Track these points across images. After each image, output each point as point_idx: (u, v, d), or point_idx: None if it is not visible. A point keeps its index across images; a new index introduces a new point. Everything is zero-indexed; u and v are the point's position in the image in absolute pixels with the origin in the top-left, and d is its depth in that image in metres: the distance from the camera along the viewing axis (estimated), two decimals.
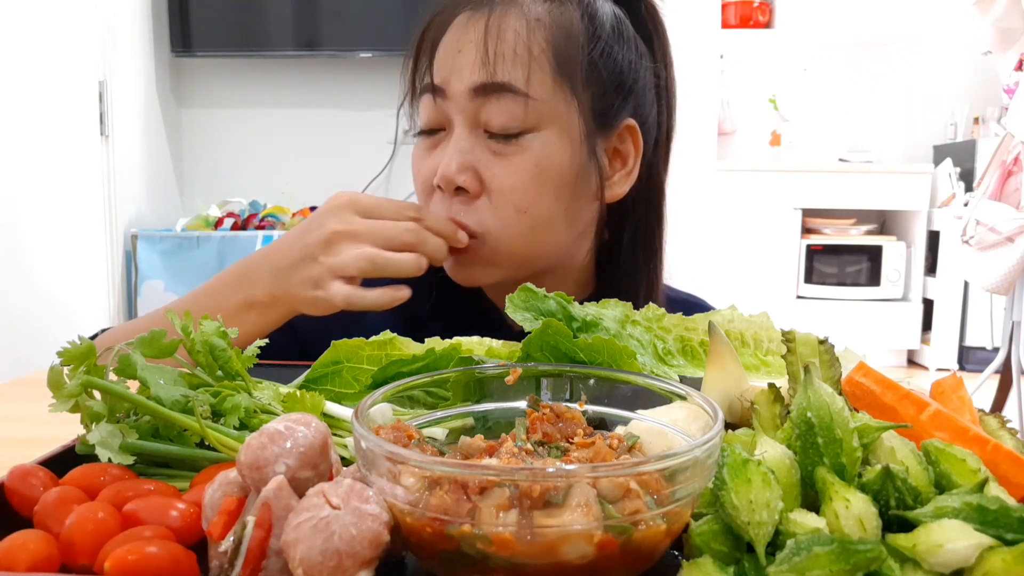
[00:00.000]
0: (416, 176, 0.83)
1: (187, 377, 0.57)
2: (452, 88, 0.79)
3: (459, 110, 0.79)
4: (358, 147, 3.32)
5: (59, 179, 2.59)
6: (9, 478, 0.48)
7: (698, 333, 0.68)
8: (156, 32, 3.20)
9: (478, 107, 0.78)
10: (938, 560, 0.35)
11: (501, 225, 0.79)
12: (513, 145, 0.78)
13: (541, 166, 0.79)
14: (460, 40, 0.79)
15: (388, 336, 0.64)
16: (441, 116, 0.80)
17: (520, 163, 0.78)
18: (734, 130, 4.61)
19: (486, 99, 0.77)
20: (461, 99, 0.78)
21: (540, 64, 0.78)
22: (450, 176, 0.77)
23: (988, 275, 2.71)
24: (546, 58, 0.78)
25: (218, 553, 0.38)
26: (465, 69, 0.78)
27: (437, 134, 0.82)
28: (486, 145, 0.79)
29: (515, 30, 0.78)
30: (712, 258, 3.76)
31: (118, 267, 2.90)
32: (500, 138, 0.78)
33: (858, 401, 0.47)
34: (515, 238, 0.80)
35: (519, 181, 0.78)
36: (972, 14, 2.95)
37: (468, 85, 0.78)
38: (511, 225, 0.80)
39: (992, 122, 4.24)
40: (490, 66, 0.76)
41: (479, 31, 0.78)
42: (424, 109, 0.82)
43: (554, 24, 0.79)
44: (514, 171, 0.78)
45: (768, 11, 4.38)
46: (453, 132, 0.79)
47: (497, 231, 0.79)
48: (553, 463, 0.42)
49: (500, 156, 0.79)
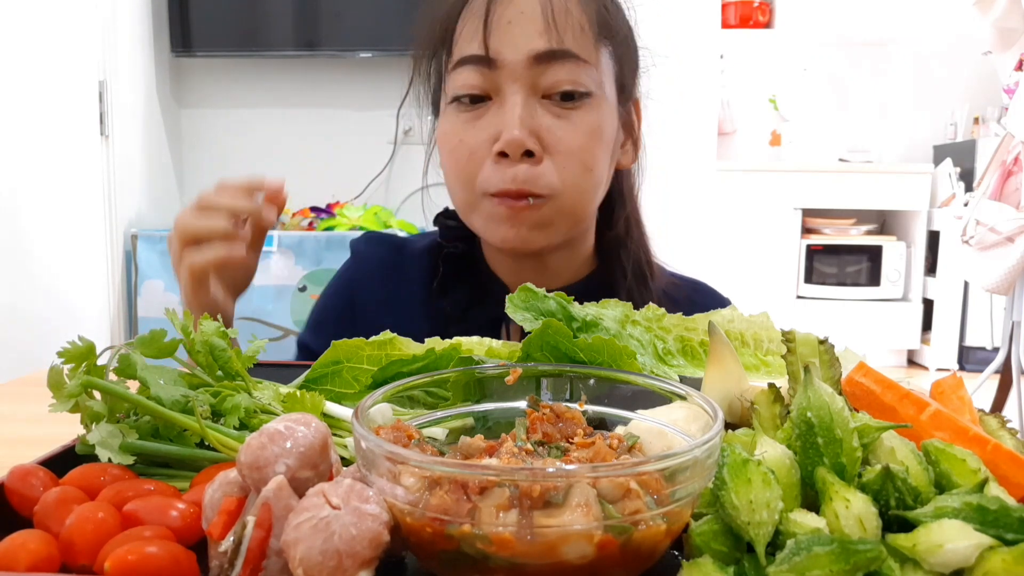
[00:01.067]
0: (458, 147, 0.83)
1: (187, 377, 0.57)
2: (506, 57, 0.79)
3: (514, 78, 0.80)
4: (358, 147, 3.32)
5: (59, 179, 2.59)
6: (9, 478, 0.48)
7: (698, 333, 0.68)
8: (156, 32, 3.20)
9: (537, 74, 0.80)
10: (938, 560, 0.35)
11: (569, 184, 0.82)
12: (573, 108, 0.81)
13: (599, 128, 0.83)
14: (506, 11, 0.79)
15: (388, 336, 0.64)
16: (489, 85, 0.81)
17: (582, 124, 0.81)
18: (734, 130, 4.61)
19: (548, 66, 0.79)
20: (518, 68, 0.79)
21: (588, 32, 0.81)
22: (520, 140, 0.78)
23: (988, 275, 2.71)
24: (591, 27, 0.81)
25: (218, 553, 0.38)
26: (520, 38, 0.79)
27: (479, 105, 0.82)
28: (547, 109, 0.81)
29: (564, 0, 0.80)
30: (712, 258, 3.76)
31: (118, 267, 2.90)
32: (560, 102, 0.81)
33: (858, 401, 0.47)
34: (581, 195, 0.84)
35: (585, 141, 0.81)
36: (972, 14, 2.95)
37: (527, 54, 0.79)
38: (578, 184, 0.83)
39: (992, 122, 4.24)
40: (553, 33, 0.79)
41: (528, 2, 0.79)
42: (465, 80, 0.81)
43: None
44: (579, 132, 0.81)
45: (768, 11, 4.38)
46: (507, 100, 0.80)
47: (565, 190, 0.82)
48: (553, 463, 0.42)
49: (562, 119, 0.81)
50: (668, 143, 3.38)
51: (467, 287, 0.92)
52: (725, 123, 4.49)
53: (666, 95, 3.70)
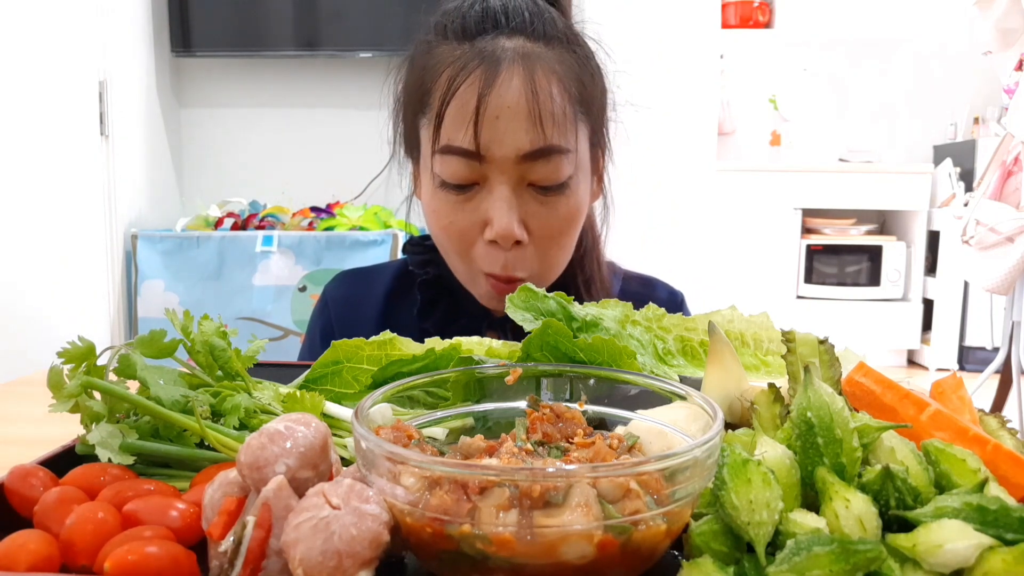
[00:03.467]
0: (449, 227, 0.85)
1: (187, 377, 0.57)
2: (494, 153, 0.80)
3: (501, 171, 0.81)
4: (358, 147, 3.32)
5: (59, 179, 2.59)
6: (9, 478, 0.48)
7: (698, 333, 0.68)
8: (156, 32, 3.20)
9: (523, 169, 0.81)
10: (938, 560, 0.35)
11: (546, 266, 0.88)
12: (556, 195, 0.84)
13: (578, 211, 0.87)
14: (494, 105, 0.79)
15: (388, 336, 0.64)
16: (476, 175, 0.82)
17: (564, 209, 0.85)
18: (734, 130, 4.61)
19: (533, 162, 0.81)
20: (506, 163, 0.81)
21: (570, 117, 0.83)
22: (511, 233, 0.82)
23: (988, 275, 2.71)
24: (572, 108, 0.83)
25: (218, 553, 0.38)
26: (507, 136, 0.80)
27: (467, 190, 0.83)
28: (532, 197, 0.83)
29: (547, 89, 0.81)
30: (712, 258, 3.76)
31: (118, 267, 2.90)
32: (543, 190, 0.83)
33: (858, 401, 0.47)
34: (557, 270, 0.90)
35: (564, 225, 0.86)
36: (972, 14, 2.95)
37: (516, 152, 0.80)
38: (556, 263, 0.89)
39: (992, 122, 4.23)
40: (539, 131, 0.80)
41: (516, 95, 0.79)
42: (454, 169, 0.82)
43: (567, 72, 0.83)
44: (559, 218, 0.85)
45: (768, 11, 4.38)
46: (494, 189, 0.82)
47: (542, 271, 0.87)
48: (553, 463, 0.42)
49: (545, 206, 0.84)
50: (668, 143, 3.38)
51: (444, 306, 0.96)
52: (725, 123, 4.49)
53: (666, 95, 3.69)
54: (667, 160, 3.38)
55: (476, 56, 0.81)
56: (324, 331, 1.02)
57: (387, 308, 1.00)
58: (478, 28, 0.83)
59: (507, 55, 0.81)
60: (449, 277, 0.96)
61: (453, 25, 0.84)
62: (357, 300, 1.02)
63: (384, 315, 1.00)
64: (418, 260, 0.99)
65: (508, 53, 0.81)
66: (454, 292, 0.96)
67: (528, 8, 0.84)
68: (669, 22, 3.29)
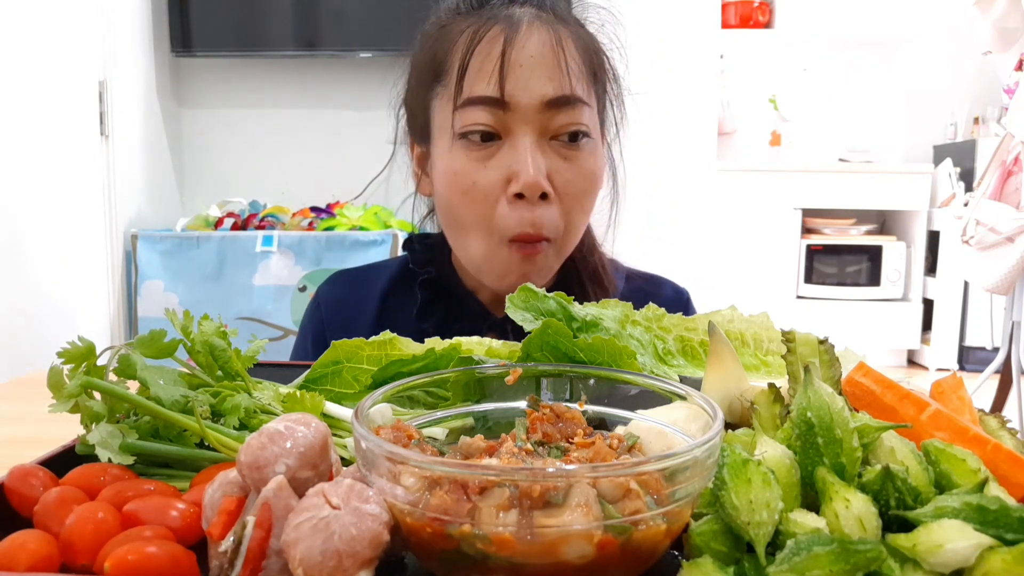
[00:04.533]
0: (472, 188, 0.84)
1: (187, 377, 0.57)
2: (519, 101, 0.81)
3: (526, 121, 0.82)
4: (358, 147, 3.31)
5: (59, 179, 2.59)
6: (9, 478, 0.48)
7: (698, 333, 0.68)
8: (156, 32, 3.20)
9: (547, 118, 0.82)
10: (938, 560, 0.35)
11: (570, 227, 0.86)
12: (576, 150, 0.84)
13: (598, 170, 0.88)
14: (518, 55, 0.81)
15: (388, 336, 0.64)
16: (499, 125, 0.82)
17: (585, 167, 0.85)
18: (734, 130, 4.60)
19: (557, 110, 0.82)
20: (530, 111, 0.81)
21: (587, 75, 0.85)
22: (538, 183, 0.81)
23: (988, 275, 2.71)
24: (589, 70, 0.85)
25: (218, 553, 0.38)
26: (532, 83, 0.81)
27: (489, 144, 0.83)
28: (555, 150, 0.84)
29: (569, 44, 0.83)
30: (712, 258, 3.76)
31: (118, 267, 2.90)
32: (567, 143, 0.83)
33: (858, 401, 0.47)
34: (576, 237, 0.89)
35: (587, 185, 0.86)
36: (972, 14, 2.95)
37: (540, 99, 0.81)
38: (577, 226, 0.88)
39: (992, 122, 4.23)
40: (564, 79, 0.81)
41: (539, 45, 0.81)
42: (477, 118, 0.82)
43: (580, 40, 0.86)
44: (582, 175, 0.85)
45: (768, 11, 4.38)
46: (518, 141, 0.82)
47: (566, 233, 0.86)
48: (553, 463, 0.42)
49: (568, 160, 0.84)
50: (668, 143, 3.38)
51: (444, 307, 0.96)
52: (725, 123, 4.49)
53: (666, 95, 3.69)
54: (667, 160, 3.38)
55: (494, 17, 0.84)
56: (316, 333, 1.02)
57: (383, 309, 1.00)
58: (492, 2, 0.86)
59: (526, 16, 0.84)
60: (449, 277, 0.96)
61: (465, 2, 0.87)
62: (351, 301, 1.02)
63: (380, 316, 0.99)
64: (419, 258, 0.98)
65: (527, 15, 0.84)
66: (454, 293, 0.96)
67: None
68: (669, 22, 3.29)
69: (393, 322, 0.98)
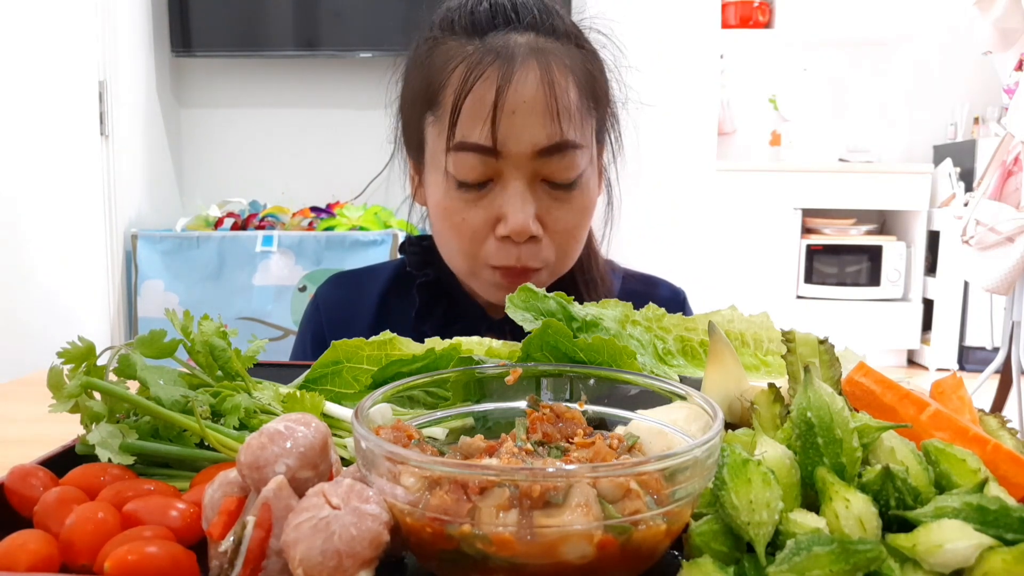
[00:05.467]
0: (461, 225, 0.84)
1: (187, 377, 0.57)
2: (510, 149, 0.80)
3: (517, 167, 0.81)
4: (358, 147, 3.31)
5: (59, 179, 2.59)
6: (9, 478, 0.48)
7: (698, 333, 0.68)
8: (156, 32, 3.20)
9: (539, 165, 0.82)
10: (938, 560, 0.35)
11: (561, 257, 0.88)
12: (570, 190, 0.84)
13: (590, 204, 0.88)
14: (511, 101, 0.79)
15: (388, 336, 0.64)
16: (491, 171, 0.82)
17: (577, 204, 0.86)
18: (734, 130, 4.60)
19: (550, 157, 0.81)
20: (521, 159, 0.81)
21: (582, 112, 0.83)
22: (527, 229, 0.82)
23: (988, 275, 2.71)
24: (584, 104, 0.84)
25: (218, 553, 0.38)
26: (524, 131, 0.80)
27: (483, 187, 0.83)
28: (546, 193, 0.84)
29: (563, 84, 0.81)
30: (712, 258, 3.76)
31: (118, 267, 2.90)
32: (560, 186, 0.84)
33: (858, 401, 0.47)
34: (570, 261, 0.90)
35: (579, 220, 0.87)
36: (972, 14, 2.95)
37: (533, 147, 0.80)
38: (569, 254, 0.89)
39: (992, 122, 4.23)
40: (556, 126, 0.80)
41: (533, 88, 0.79)
42: (470, 165, 0.82)
43: (577, 67, 0.84)
44: (573, 213, 0.85)
45: (768, 11, 4.38)
46: (509, 185, 0.82)
47: (558, 261, 0.88)
48: (553, 463, 0.42)
49: (560, 201, 0.84)
50: (668, 143, 3.38)
51: (442, 309, 0.96)
52: (725, 123, 4.49)
53: (666, 95, 3.68)
54: (667, 160, 3.38)
55: (489, 52, 0.81)
56: (315, 334, 1.02)
57: (382, 310, 1.00)
58: (488, 24, 0.83)
59: (521, 50, 0.81)
60: (448, 278, 0.96)
61: (461, 21, 0.84)
62: (350, 303, 1.02)
63: (379, 317, 0.99)
64: (415, 261, 0.98)
65: (522, 48, 0.81)
66: (453, 294, 0.96)
67: (536, 5, 0.84)
68: (669, 22, 3.29)
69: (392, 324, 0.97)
